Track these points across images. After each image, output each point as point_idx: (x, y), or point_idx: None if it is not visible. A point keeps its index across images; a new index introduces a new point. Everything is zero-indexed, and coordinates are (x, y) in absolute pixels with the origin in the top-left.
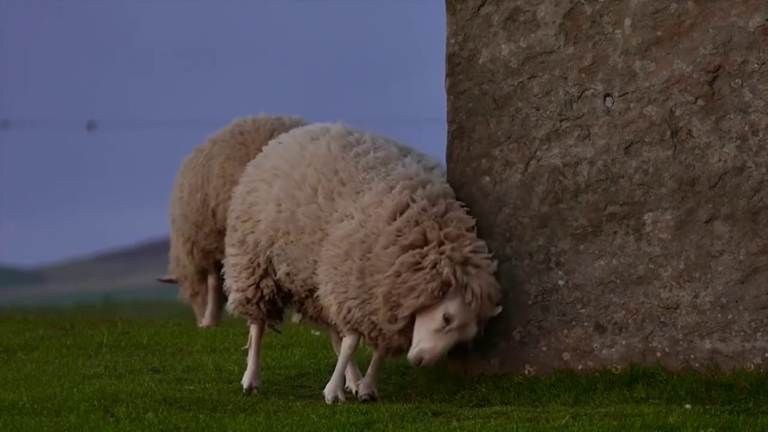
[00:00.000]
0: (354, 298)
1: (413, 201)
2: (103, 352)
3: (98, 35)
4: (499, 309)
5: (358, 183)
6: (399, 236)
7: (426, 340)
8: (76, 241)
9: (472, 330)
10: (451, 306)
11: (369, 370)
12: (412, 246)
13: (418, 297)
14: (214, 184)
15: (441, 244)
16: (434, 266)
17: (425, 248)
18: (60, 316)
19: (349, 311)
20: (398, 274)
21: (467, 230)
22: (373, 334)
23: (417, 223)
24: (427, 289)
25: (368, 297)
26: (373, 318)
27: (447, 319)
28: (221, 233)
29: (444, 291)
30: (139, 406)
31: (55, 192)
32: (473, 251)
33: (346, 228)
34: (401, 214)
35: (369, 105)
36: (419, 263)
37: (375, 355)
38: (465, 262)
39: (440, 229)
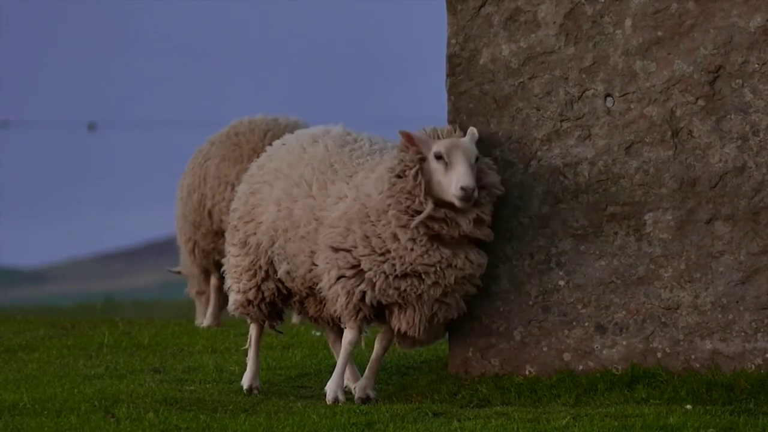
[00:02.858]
0: (370, 269)
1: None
2: (103, 353)
3: (99, 35)
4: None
5: (350, 168)
6: (382, 177)
7: (451, 177)
8: (76, 241)
9: (472, 149)
10: (436, 147)
11: (366, 372)
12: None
13: (413, 177)
14: (210, 185)
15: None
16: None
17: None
18: (61, 317)
19: (363, 295)
20: (392, 185)
21: None
22: (410, 295)
23: (399, 161)
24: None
25: (382, 256)
26: (398, 266)
27: (438, 155)
28: (218, 234)
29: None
30: (140, 407)
31: (56, 192)
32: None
33: (342, 207)
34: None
35: (370, 105)
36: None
37: (373, 356)
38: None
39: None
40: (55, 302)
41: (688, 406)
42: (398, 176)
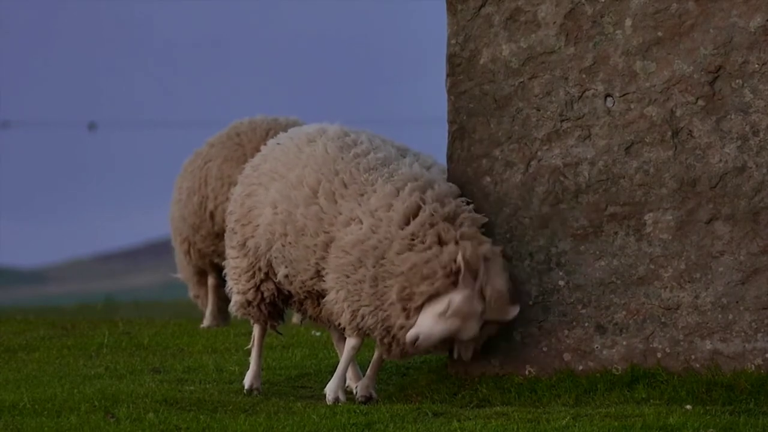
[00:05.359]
0: (367, 305)
1: (423, 203)
2: (103, 353)
3: (99, 35)
4: (516, 311)
5: (360, 184)
6: (413, 241)
7: (425, 323)
8: (76, 242)
9: (473, 327)
10: (458, 295)
11: (368, 372)
12: (429, 249)
13: (432, 283)
14: (212, 186)
15: (457, 243)
16: (453, 259)
17: (444, 247)
18: (61, 317)
19: (362, 318)
20: (413, 268)
21: (479, 228)
22: (386, 340)
23: (431, 226)
24: (442, 275)
25: (381, 303)
26: (387, 324)
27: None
28: (219, 236)
29: (456, 280)
30: (140, 407)
31: (56, 192)
32: (490, 249)
33: (357, 234)
34: (414, 217)
35: (370, 105)
36: (437, 257)
37: (375, 356)
38: (484, 259)
39: (455, 230)
40: (55, 302)
41: (688, 406)
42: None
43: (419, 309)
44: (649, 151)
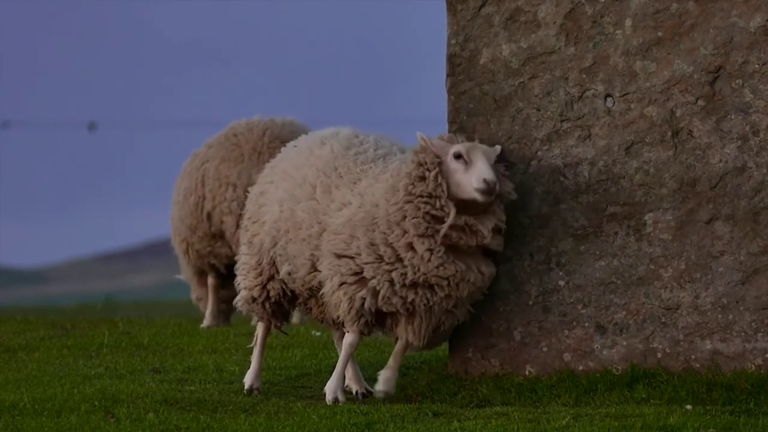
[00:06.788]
0: (374, 277)
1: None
2: (103, 353)
3: (99, 35)
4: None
5: (355, 174)
6: (395, 186)
7: (467, 179)
8: (77, 242)
9: (490, 152)
10: (452, 148)
11: (391, 363)
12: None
13: (436, 177)
14: (209, 187)
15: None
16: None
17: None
18: (61, 317)
19: (363, 302)
20: (409, 192)
21: None
22: (420, 306)
23: (417, 165)
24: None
25: (390, 265)
26: (409, 274)
27: (458, 155)
28: (215, 237)
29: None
30: (140, 407)
31: (56, 192)
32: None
33: (346, 214)
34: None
35: (370, 105)
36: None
37: (397, 347)
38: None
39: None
40: (55, 302)
41: (688, 406)
42: (418, 179)
43: (452, 208)
44: (649, 151)
